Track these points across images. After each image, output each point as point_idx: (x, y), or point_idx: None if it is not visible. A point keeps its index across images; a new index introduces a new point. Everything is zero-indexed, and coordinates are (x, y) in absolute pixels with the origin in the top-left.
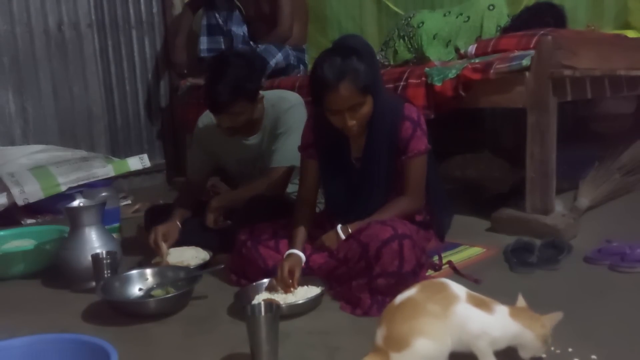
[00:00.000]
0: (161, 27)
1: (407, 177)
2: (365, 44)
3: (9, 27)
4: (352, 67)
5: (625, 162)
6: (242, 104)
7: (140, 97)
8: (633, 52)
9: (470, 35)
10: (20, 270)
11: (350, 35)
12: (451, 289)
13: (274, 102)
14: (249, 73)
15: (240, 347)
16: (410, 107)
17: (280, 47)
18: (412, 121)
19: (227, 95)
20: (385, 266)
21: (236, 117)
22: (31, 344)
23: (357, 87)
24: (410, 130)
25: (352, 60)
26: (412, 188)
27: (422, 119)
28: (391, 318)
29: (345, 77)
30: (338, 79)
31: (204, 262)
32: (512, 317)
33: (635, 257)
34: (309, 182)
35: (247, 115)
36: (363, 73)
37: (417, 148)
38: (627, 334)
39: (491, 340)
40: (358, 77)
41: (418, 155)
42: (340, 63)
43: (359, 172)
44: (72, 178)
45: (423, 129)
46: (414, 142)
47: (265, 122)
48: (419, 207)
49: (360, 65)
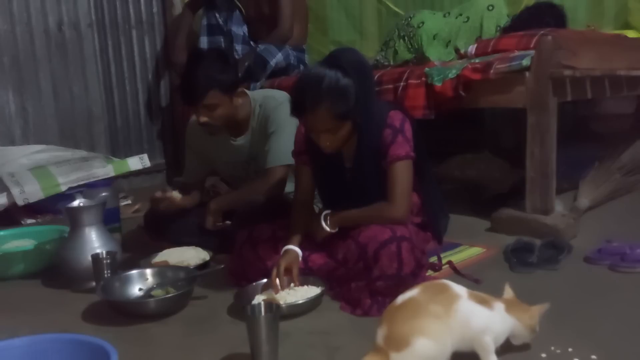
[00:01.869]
0: (161, 27)
1: (389, 183)
2: (357, 61)
3: (9, 27)
4: (332, 93)
5: (625, 162)
6: (216, 95)
7: (140, 97)
8: (633, 52)
9: (470, 35)
10: (20, 270)
11: (345, 51)
12: (453, 289)
13: (261, 102)
14: (221, 65)
15: (240, 347)
16: (394, 115)
17: (281, 47)
18: (393, 128)
19: (198, 86)
20: (384, 269)
21: (212, 111)
22: (31, 344)
23: (333, 115)
24: (391, 137)
25: (334, 86)
26: (394, 195)
27: (407, 126)
28: (392, 318)
29: (322, 104)
30: (314, 104)
31: (204, 262)
32: (507, 312)
33: (635, 257)
34: (304, 185)
35: (225, 110)
36: (343, 101)
37: (395, 153)
38: (627, 334)
39: (495, 336)
40: (336, 105)
41: (397, 160)
42: (321, 87)
43: (352, 180)
44: (72, 178)
45: (406, 136)
46: (393, 147)
47: (252, 122)
48: (403, 215)
49: (343, 92)
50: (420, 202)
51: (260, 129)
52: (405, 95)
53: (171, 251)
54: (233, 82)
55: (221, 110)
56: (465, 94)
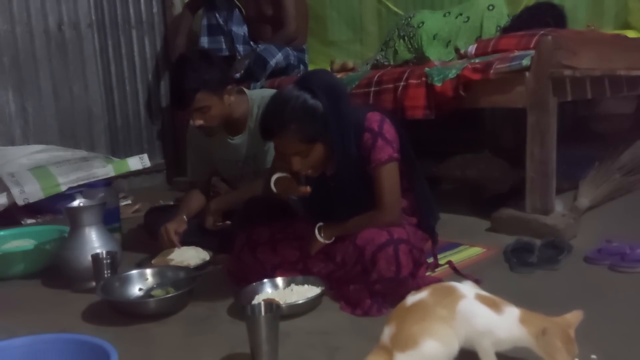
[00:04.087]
0: (161, 27)
1: (376, 189)
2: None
3: (9, 27)
4: (298, 115)
5: (625, 162)
6: (204, 97)
7: (140, 97)
8: (633, 52)
9: (470, 35)
10: (20, 270)
11: (315, 73)
12: (459, 291)
13: (259, 102)
14: (205, 66)
15: (240, 347)
16: (371, 117)
17: (281, 47)
18: (371, 132)
19: (186, 91)
20: (382, 272)
21: (205, 113)
22: (31, 344)
23: (300, 138)
24: (370, 141)
25: (300, 108)
26: (383, 200)
27: (387, 127)
28: (402, 318)
29: (288, 127)
30: (280, 127)
31: (204, 262)
32: (520, 322)
33: (635, 257)
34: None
35: (218, 110)
36: (309, 124)
37: (377, 158)
38: (627, 334)
39: (495, 340)
40: (303, 128)
41: (380, 165)
42: (286, 110)
43: (336, 190)
44: (72, 178)
45: (386, 138)
46: (374, 152)
47: (250, 122)
48: (394, 218)
49: (309, 114)
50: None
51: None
52: (405, 95)
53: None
54: (220, 80)
55: (214, 111)
56: (465, 94)
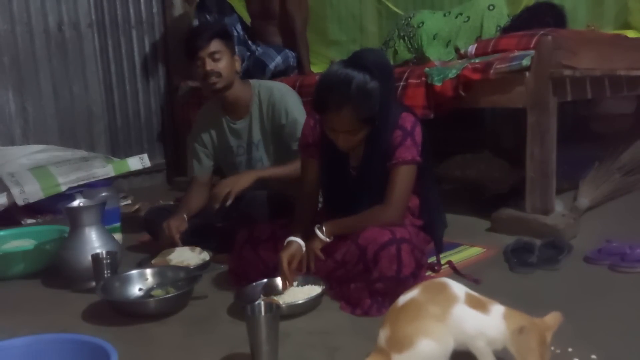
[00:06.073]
0: (161, 27)
1: (389, 185)
2: (383, 64)
3: (9, 27)
4: (360, 96)
5: (625, 162)
6: (219, 44)
7: (140, 97)
8: (633, 52)
9: (470, 35)
10: (20, 270)
11: (371, 52)
12: (451, 289)
13: (259, 88)
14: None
15: (240, 347)
16: (406, 117)
17: (280, 50)
18: (403, 130)
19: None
20: (383, 271)
21: (216, 61)
22: (31, 344)
23: (357, 118)
24: (400, 139)
25: (362, 89)
26: (392, 198)
27: (418, 130)
28: (395, 320)
29: (348, 105)
30: (340, 105)
31: (204, 262)
32: (503, 318)
33: (635, 257)
34: (309, 178)
35: (228, 65)
36: (368, 105)
37: (402, 156)
38: (627, 334)
39: (488, 340)
40: (362, 109)
41: (402, 163)
42: (350, 89)
43: (356, 180)
44: (72, 178)
45: (415, 139)
46: (400, 149)
47: (253, 108)
48: (397, 218)
49: (369, 96)
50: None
51: (266, 117)
52: (405, 95)
53: (171, 251)
54: (230, 36)
55: (224, 63)
56: (465, 94)
